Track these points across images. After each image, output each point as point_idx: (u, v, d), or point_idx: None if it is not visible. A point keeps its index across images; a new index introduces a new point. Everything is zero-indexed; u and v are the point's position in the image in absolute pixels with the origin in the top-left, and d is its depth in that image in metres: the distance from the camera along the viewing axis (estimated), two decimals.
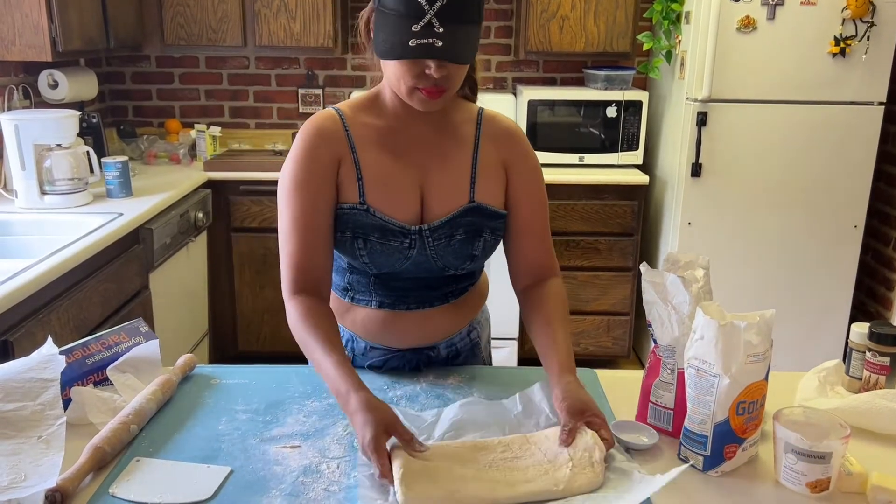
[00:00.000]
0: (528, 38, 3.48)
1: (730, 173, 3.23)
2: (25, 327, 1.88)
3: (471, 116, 1.37)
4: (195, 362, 1.42)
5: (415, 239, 1.30)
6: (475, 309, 1.48)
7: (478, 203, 1.32)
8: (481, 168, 1.34)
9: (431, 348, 1.44)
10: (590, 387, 1.37)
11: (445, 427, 1.18)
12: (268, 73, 3.88)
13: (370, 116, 1.33)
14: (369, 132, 1.32)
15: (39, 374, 1.17)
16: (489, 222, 1.34)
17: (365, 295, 1.39)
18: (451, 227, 1.31)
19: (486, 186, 1.33)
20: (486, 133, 1.36)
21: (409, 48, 1.14)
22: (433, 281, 1.37)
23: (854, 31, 3.04)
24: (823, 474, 1.04)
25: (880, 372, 1.29)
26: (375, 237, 1.29)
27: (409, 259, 1.32)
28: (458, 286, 1.41)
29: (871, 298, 3.54)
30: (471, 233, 1.32)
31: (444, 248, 1.32)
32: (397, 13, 1.14)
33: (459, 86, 1.26)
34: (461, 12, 1.15)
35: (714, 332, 1.07)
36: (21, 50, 2.65)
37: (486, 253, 1.36)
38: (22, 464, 1.05)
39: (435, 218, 1.31)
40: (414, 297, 1.38)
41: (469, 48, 1.19)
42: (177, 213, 2.91)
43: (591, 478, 1.06)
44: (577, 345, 3.58)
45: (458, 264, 1.34)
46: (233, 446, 1.16)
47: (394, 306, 1.38)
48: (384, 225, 1.29)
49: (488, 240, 1.34)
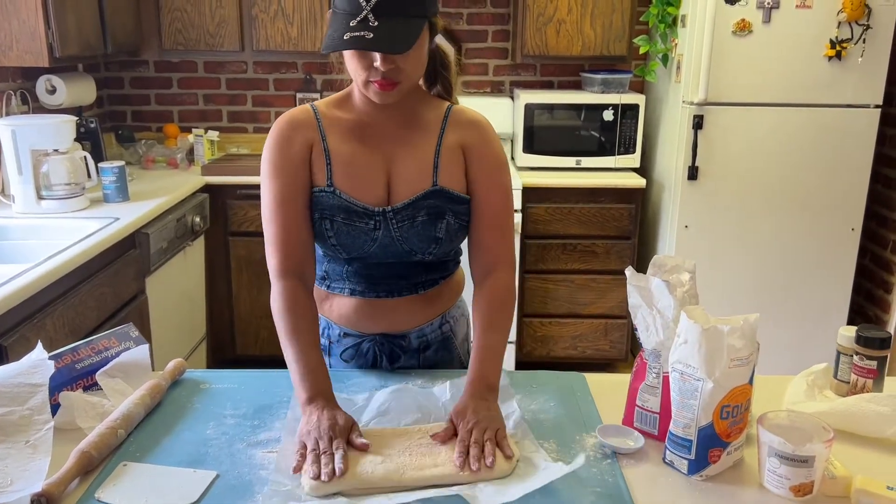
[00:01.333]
0: (525, 41, 3.49)
1: (726, 176, 3.23)
2: (20, 332, 1.89)
3: (440, 112, 1.42)
4: (185, 367, 1.42)
5: (379, 220, 1.35)
6: (447, 302, 1.51)
7: (440, 187, 1.37)
8: (444, 154, 1.38)
9: (402, 337, 1.48)
10: (578, 391, 1.38)
11: (373, 413, 1.25)
12: (266, 78, 3.89)
13: (341, 111, 1.40)
14: (340, 122, 1.39)
15: (28, 378, 1.18)
16: (451, 206, 1.37)
17: (339, 283, 1.45)
18: (414, 208, 1.35)
19: (448, 171, 1.38)
20: (451, 123, 1.41)
21: (343, 41, 1.19)
22: (403, 269, 1.42)
23: (850, 33, 3.04)
24: (807, 478, 1.04)
25: (867, 375, 1.29)
26: (341, 218, 1.34)
27: (375, 241, 1.36)
28: (429, 277, 1.46)
29: (869, 301, 3.54)
30: (433, 215, 1.36)
31: (408, 230, 1.36)
32: (342, 11, 1.21)
33: (415, 79, 1.32)
34: (397, 6, 1.20)
35: (697, 336, 1.07)
36: (19, 56, 2.66)
37: (450, 237, 1.39)
38: (9, 468, 1.06)
39: (399, 201, 1.36)
40: (384, 285, 1.43)
41: (403, 40, 1.21)
42: (174, 218, 2.92)
43: (502, 466, 1.09)
44: (574, 348, 3.58)
45: (424, 247, 1.38)
46: (219, 451, 1.17)
47: (365, 294, 1.44)
48: (349, 206, 1.35)
49: (451, 223, 1.38)
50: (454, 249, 1.46)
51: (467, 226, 1.41)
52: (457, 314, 1.55)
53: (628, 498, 1.05)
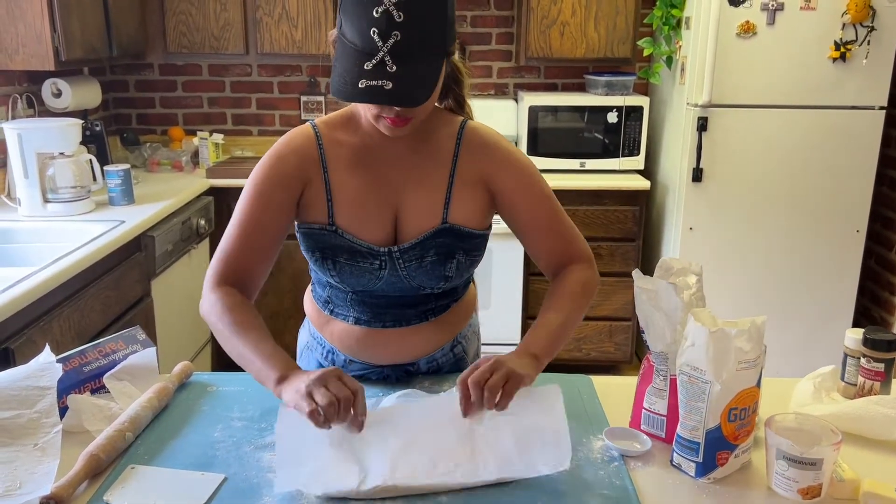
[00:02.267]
0: (529, 44, 3.49)
1: (731, 178, 3.23)
2: (27, 335, 1.89)
3: (452, 131, 1.32)
4: (192, 370, 1.42)
5: (385, 260, 1.29)
6: (458, 325, 1.44)
7: (450, 224, 1.29)
8: (458, 187, 1.30)
9: (411, 364, 1.42)
10: (584, 393, 1.38)
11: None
12: (270, 81, 3.90)
13: (346, 133, 1.31)
14: (344, 151, 1.30)
15: (36, 382, 1.18)
16: (462, 243, 1.30)
17: (343, 309, 1.38)
18: (422, 248, 1.29)
19: (461, 207, 1.30)
20: (465, 148, 1.31)
21: (359, 90, 1.08)
22: (411, 299, 1.36)
23: (854, 35, 3.04)
24: (815, 481, 1.04)
25: (875, 378, 1.29)
26: (344, 258, 1.28)
27: (381, 279, 1.31)
28: (438, 304, 1.39)
29: (874, 303, 3.53)
30: (442, 254, 1.29)
31: (416, 269, 1.30)
32: (353, 45, 1.09)
33: (429, 111, 1.23)
34: (418, 45, 1.09)
35: (705, 339, 1.07)
36: (24, 59, 2.67)
37: (460, 273, 1.33)
38: (17, 471, 1.06)
39: (407, 239, 1.29)
40: (391, 314, 1.36)
41: (425, 87, 1.11)
42: (179, 221, 2.92)
43: None
44: (579, 350, 3.58)
45: (433, 284, 1.32)
46: (227, 454, 1.17)
47: (370, 323, 1.37)
48: (352, 246, 1.28)
49: (461, 261, 1.31)
50: (464, 281, 1.40)
51: (479, 258, 1.35)
52: (468, 333, 1.48)
53: (636, 501, 1.05)
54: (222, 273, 1.27)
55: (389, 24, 1.07)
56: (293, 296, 3.47)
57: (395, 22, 1.07)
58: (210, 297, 1.25)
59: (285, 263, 3.43)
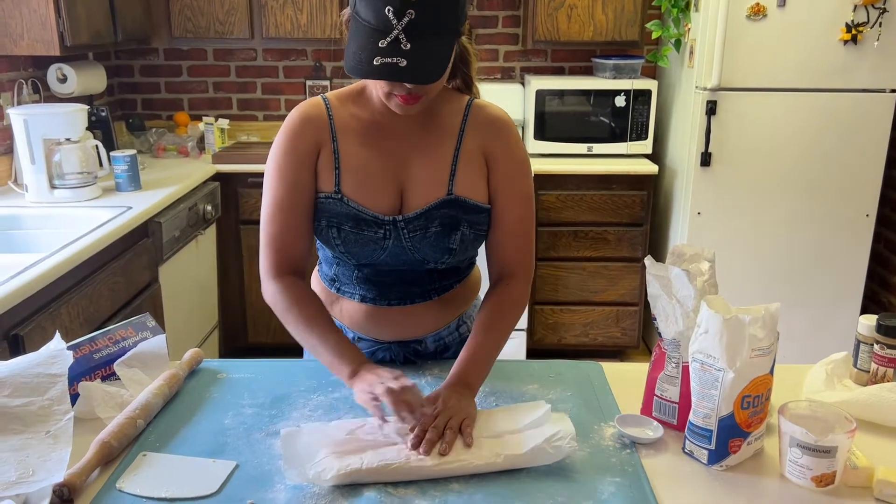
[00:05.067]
0: (536, 27, 3.46)
1: (740, 162, 3.20)
2: (36, 321, 1.90)
3: (459, 108, 1.34)
4: (202, 357, 1.42)
5: (389, 229, 1.30)
6: (463, 304, 1.46)
7: (456, 196, 1.30)
8: (462, 160, 1.31)
9: (418, 342, 1.45)
10: (595, 380, 1.38)
11: None
12: (275, 65, 3.88)
13: (356, 107, 1.33)
14: (353, 122, 1.32)
15: (47, 369, 1.18)
16: (467, 216, 1.31)
17: (349, 287, 1.41)
18: (427, 218, 1.30)
19: (465, 179, 1.31)
20: (471, 123, 1.33)
21: (374, 67, 1.10)
22: (415, 276, 1.37)
23: (866, 17, 3.00)
24: (829, 468, 1.03)
25: (888, 365, 1.28)
26: (349, 226, 1.30)
27: (385, 250, 1.32)
28: (442, 283, 1.41)
29: (883, 288, 3.52)
30: (447, 225, 1.30)
31: (420, 240, 1.31)
32: (367, 24, 1.11)
33: (439, 89, 1.25)
34: (432, 23, 1.11)
35: (719, 327, 1.06)
36: (29, 44, 2.66)
37: (464, 247, 1.33)
38: (30, 459, 1.06)
39: (412, 210, 1.31)
40: (396, 292, 1.39)
41: (438, 65, 1.14)
42: (185, 207, 2.92)
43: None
44: (586, 335, 3.58)
45: (437, 257, 1.33)
46: (238, 440, 1.17)
47: (376, 301, 1.39)
48: (357, 214, 1.30)
49: (466, 234, 1.31)
50: (469, 257, 1.41)
51: (484, 235, 1.35)
52: (474, 314, 1.49)
53: (648, 488, 1.05)
54: (274, 261, 1.31)
55: (404, 3, 1.09)
56: None
57: (410, 1, 1.09)
58: (271, 287, 1.30)
59: None
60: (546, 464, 1.09)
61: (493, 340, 1.30)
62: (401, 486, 1.05)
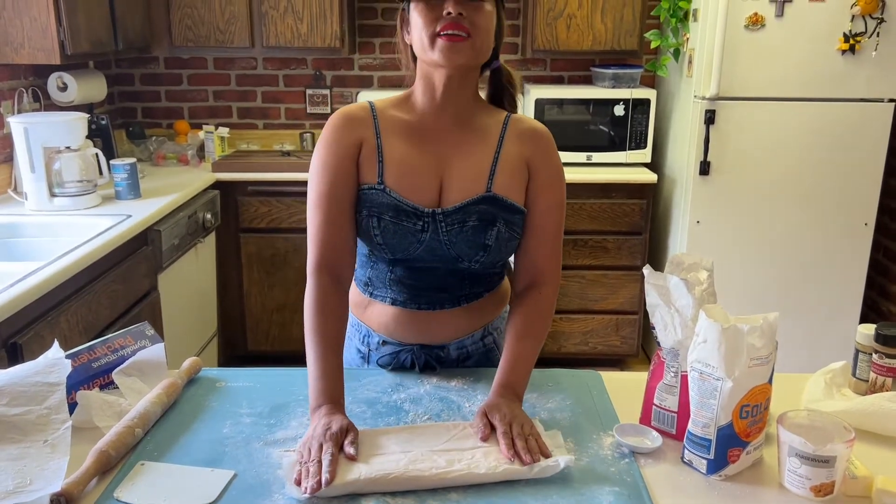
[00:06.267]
0: (536, 36, 3.48)
1: (739, 171, 3.21)
2: (34, 329, 1.90)
3: (499, 119, 1.41)
4: (200, 365, 1.42)
5: (428, 221, 1.33)
6: (490, 314, 1.48)
7: (494, 194, 1.34)
8: (502, 163, 1.36)
9: (441, 348, 1.46)
10: (594, 389, 1.38)
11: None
12: (275, 74, 3.89)
13: (400, 112, 1.39)
14: (397, 123, 1.37)
15: (45, 378, 1.18)
16: (504, 214, 1.34)
17: (382, 290, 1.43)
18: (465, 213, 1.33)
19: (504, 180, 1.35)
20: (511, 131, 1.39)
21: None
22: (447, 280, 1.39)
23: (864, 27, 3.02)
24: (828, 478, 1.03)
25: (887, 374, 1.28)
26: (389, 216, 1.32)
27: (421, 243, 1.34)
28: (472, 290, 1.43)
29: (882, 297, 3.52)
30: (484, 221, 1.33)
31: (457, 235, 1.33)
32: None
33: (485, 45, 1.30)
34: None
35: (717, 336, 1.06)
36: (30, 53, 2.67)
37: (499, 246, 1.35)
38: (27, 468, 1.06)
39: (450, 204, 1.34)
40: (426, 297, 1.41)
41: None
42: (185, 215, 2.92)
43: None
44: (585, 344, 3.58)
45: (471, 254, 1.35)
46: (237, 450, 1.16)
47: (406, 304, 1.42)
48: (398, 205, 1.33)
49: (502, 231, 1.34)
50: (501, 261, 1.42)
51: (517, 237, 1.38)
52: (501, 326, 1.51)
53: (647, 498, 1.05)
54: (316, 254, 1.33)
55: None
56: (300, 289, 3.46)
57: None
58: (308, 283, 1.33)
59: (292, 257, 3.43)
60: (544, 476, 1.09)
61: (532, 348, 1.33)
62: (399, 496, 1.05)
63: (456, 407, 1.30)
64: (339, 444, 1.10)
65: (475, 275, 1.41)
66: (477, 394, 1.35)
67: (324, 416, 1.16)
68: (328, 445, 1.09)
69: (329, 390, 1.22)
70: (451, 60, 1.27)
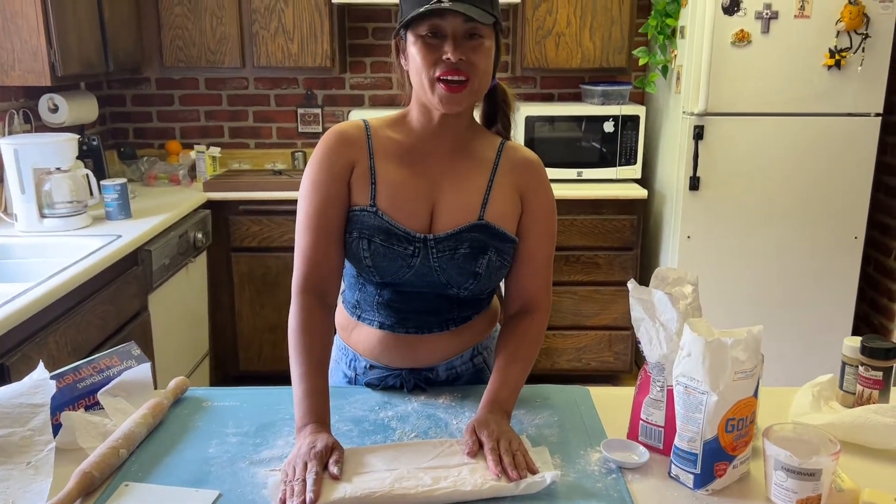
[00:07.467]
0: (525, 54, 3.50)
1: (728, 186, 3.23)
2: (22, 351, 1.89)
3: (493, 144, 1.41)
4: (187, 385, 1.42)
5: (419, 246, 1.32)
6: (479, 335, 1.47)
7: (486, 222, 1.34)
8: (495, 191, 1.36)
9: (430, 370, 1.45)
10: (582, 404, 1.38)
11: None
12: (267, 94, 3.90)
13: (395, 132, 1.38)
14: (390, 145, 1.37)
15: (29, 399, 1.18)
16: (495, 242, 1.34)
17: (370, 314, 1.42)
18: (456, 240, 1.32)
19: (497, 209, 1.35)
20: (505, 160, 1.39)
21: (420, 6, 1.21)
22: (435, 304, 1.38)
23: (849, 43, 3.05)
24: (814, 491, 1.03)
25: (873, 386, 1.28)
26: (380, 239, 1.32)
27: (411, 268, 1.33)
28: (461, 314, 1.42)
29: (873, 310, 3.53)
30: (475, 249, 1.33)
31: (448, 261, 1.32)
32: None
33: (483, 84, 1.29)
34: None
35: (701, 349, 1.06)
36: (21, 75, 2.67)
37: (490, 273, 1.35)
38: (10, 490, 1.05)
39: (442, 230, 1.33)
40: (414, 320, 1.40)
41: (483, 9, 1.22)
42: (176, 234, 2.92)
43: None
44: (578, 360, 3.57)
45: (461, 282, 1.34)
46: (222, 469, 1.16)
47: (394, 328, 1.41)
48: (390, 228, 1.32)
49: (493, 259, 1.34)
50: (490, 288, 1.42)
51: (508, 266, 1.38)
52: (491, 345, 1.50)
53: None
54: (303, 273, 1.33)
55: None
56: None
57: None
58: (293, 302, 1.32)
59: (284, 276, 3.42)
60: (531, 492, 1.08)
61: (522, 370, 1.33)
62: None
63: (443, 424, 1.30)
64: (324, 463, 1.10)
65: (464, 299, 1.40)
66: (465, 411, 1.35)
67: (309, 435, 1.15)
68: (313, 464, 1.08)
69: (315, 409, 1.21)
70: (450, 108, 1.28)
